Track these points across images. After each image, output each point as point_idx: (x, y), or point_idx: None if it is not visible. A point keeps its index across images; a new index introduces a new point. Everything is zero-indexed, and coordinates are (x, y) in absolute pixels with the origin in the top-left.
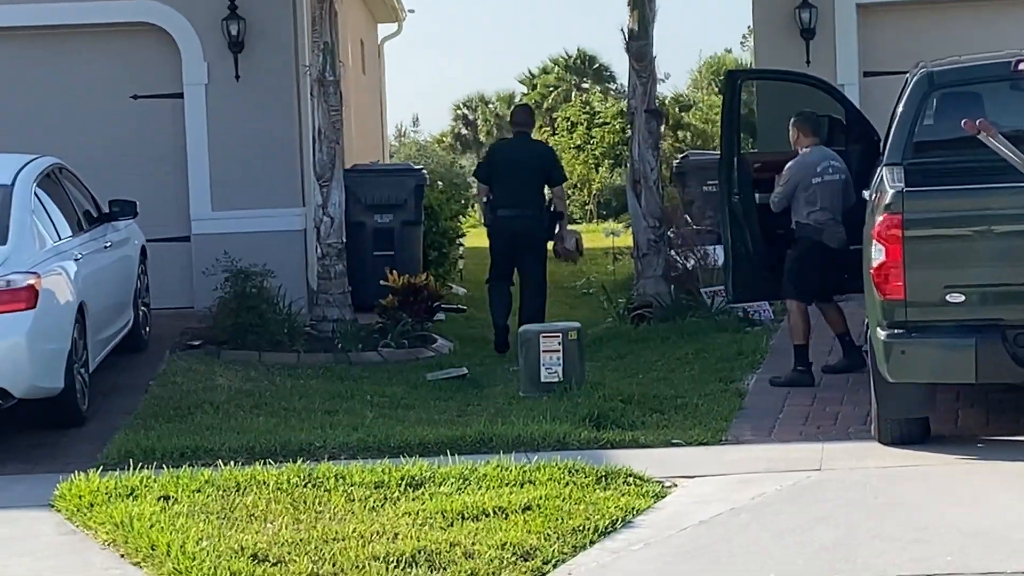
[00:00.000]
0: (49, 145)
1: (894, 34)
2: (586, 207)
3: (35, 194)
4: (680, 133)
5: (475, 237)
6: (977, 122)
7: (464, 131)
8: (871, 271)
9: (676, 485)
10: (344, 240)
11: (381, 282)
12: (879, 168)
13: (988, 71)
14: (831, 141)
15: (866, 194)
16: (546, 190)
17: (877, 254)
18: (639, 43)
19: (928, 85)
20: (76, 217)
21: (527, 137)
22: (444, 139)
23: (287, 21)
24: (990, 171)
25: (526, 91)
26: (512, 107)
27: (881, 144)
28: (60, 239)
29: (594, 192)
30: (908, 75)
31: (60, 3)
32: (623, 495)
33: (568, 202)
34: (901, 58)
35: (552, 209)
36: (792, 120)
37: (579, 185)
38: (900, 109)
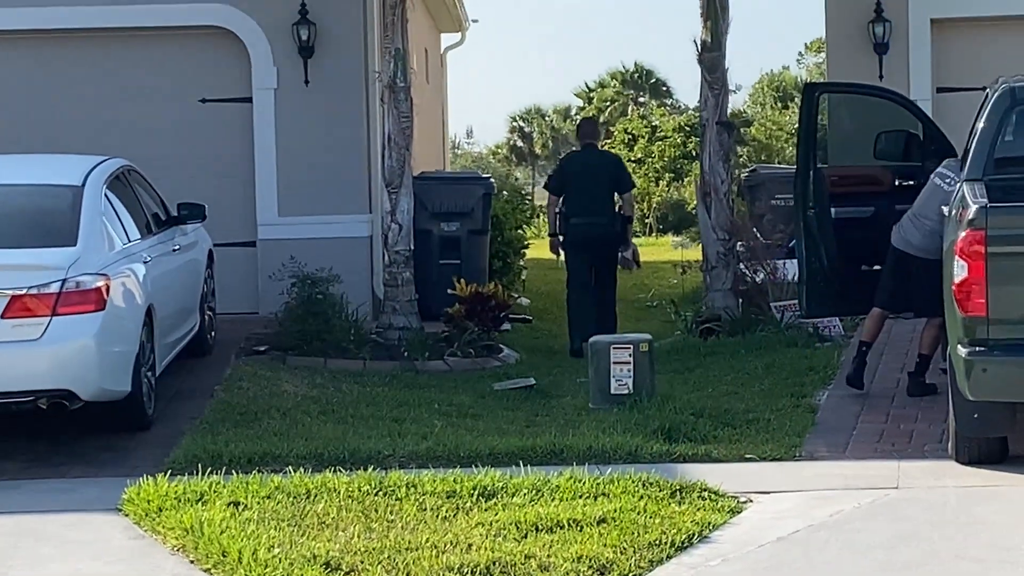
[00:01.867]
0: (118, 148)
1: (969, 50)
2: (645, 221)
3: (105, 196)
4: (739, 148)
5: (537, 248)
6: None
7: (520, 143)
8: (952, 287)
9: (751, 501)
10: (412, 247)
11: (448, 291)
12: (959, 184)
13: None
14: (908, 156)
15: (944, 210)
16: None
17: (959, 270)
18: (712, 54)
19: (1010, 101)
20: (145, 219)
21: (595, 148)
22: (500, 151)
23: (357, 27)
24: None
25: (583, 104)
26: (579, 121)
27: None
28: (129, 241)
29: (653, 206)
30: (988, 90)
31: (131, 5)
32: (699, 510)
33: None
34: (975, 75)
35: (622, 214)
36: None
37: (639, 199)
38: (980, 125)
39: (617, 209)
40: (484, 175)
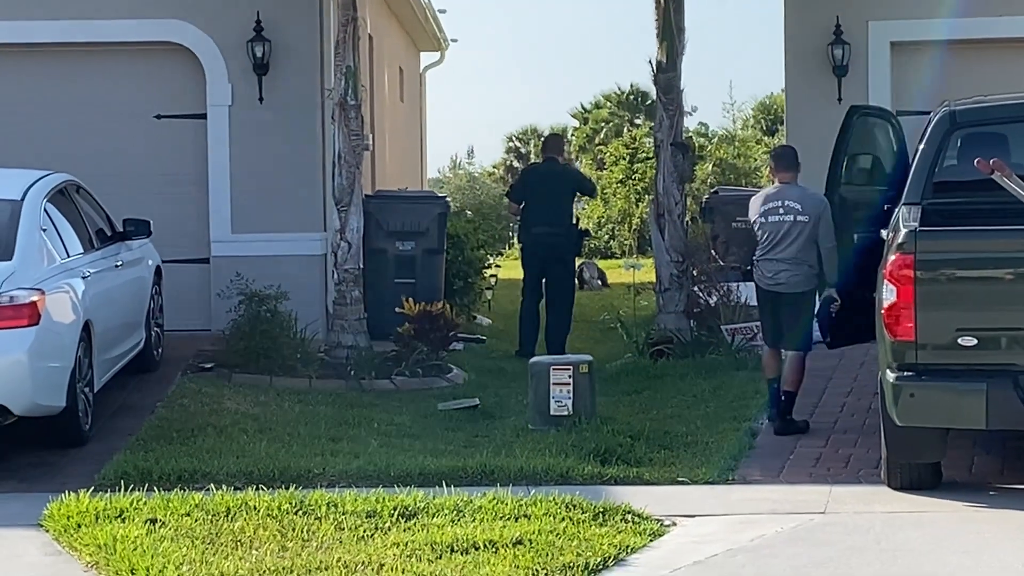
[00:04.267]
0: (71, 162)
1: (928, 73)
2: (625, 242)
3: (45, 210)
4: (709, 168)
5: (508, 269)
6: (991, 161)
7: (516, 163)
8: (882, 311)
9: (675, 524)
10: (361, 266)
11: (396, 309)
12: (898, 207)
13: (1011, 111)
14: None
15: (883, 233)
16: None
17: (888, 294)
18: (667, 75)
19: (950, 124)
20: (87, 235)
21: (555, 161)
22: (496, 170)
23: (313, 44)
24: (1012, 213)
25: (578, 125)
26: (546, 136)
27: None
28: (69, 256)
29: (634, 227)
30: (931, 114)
31: (86, 20)
32: (619, 532)
33: (609, 238)
34: (934, 98)
35: (578, 227)
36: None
37: (620, 220)
38: (921, 148)
39: (574, 221)
40: (440, 194)
